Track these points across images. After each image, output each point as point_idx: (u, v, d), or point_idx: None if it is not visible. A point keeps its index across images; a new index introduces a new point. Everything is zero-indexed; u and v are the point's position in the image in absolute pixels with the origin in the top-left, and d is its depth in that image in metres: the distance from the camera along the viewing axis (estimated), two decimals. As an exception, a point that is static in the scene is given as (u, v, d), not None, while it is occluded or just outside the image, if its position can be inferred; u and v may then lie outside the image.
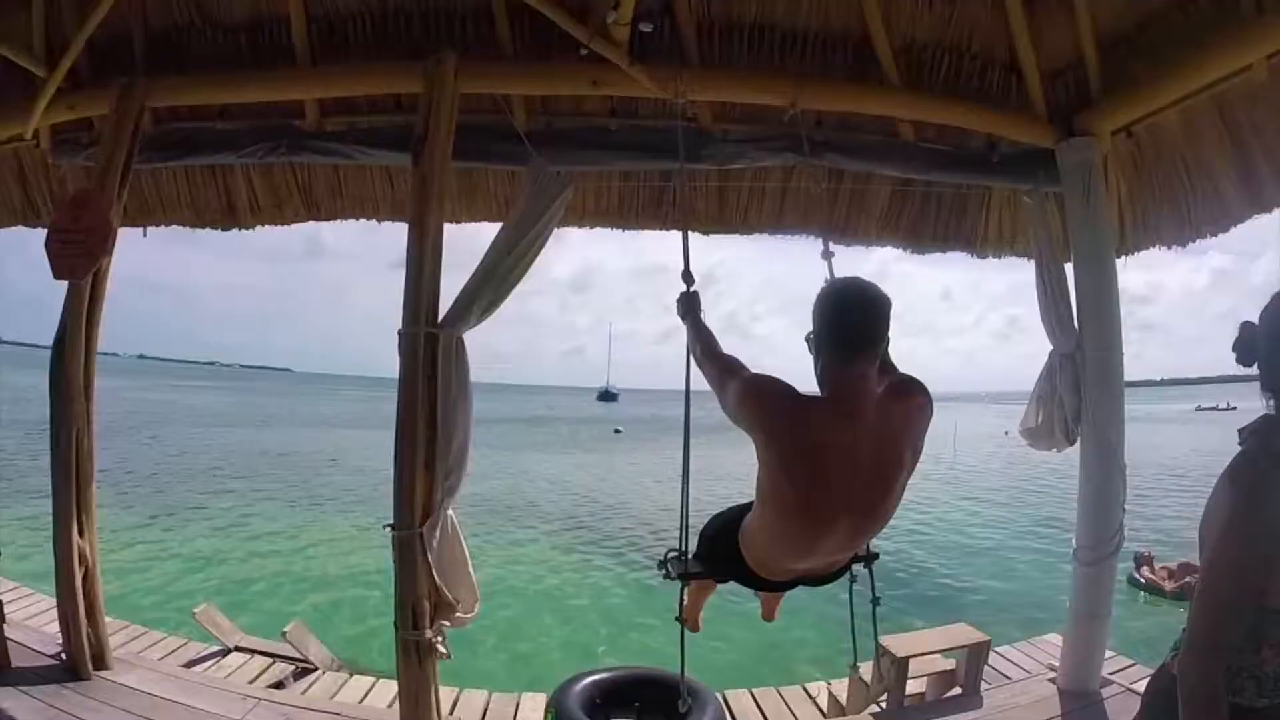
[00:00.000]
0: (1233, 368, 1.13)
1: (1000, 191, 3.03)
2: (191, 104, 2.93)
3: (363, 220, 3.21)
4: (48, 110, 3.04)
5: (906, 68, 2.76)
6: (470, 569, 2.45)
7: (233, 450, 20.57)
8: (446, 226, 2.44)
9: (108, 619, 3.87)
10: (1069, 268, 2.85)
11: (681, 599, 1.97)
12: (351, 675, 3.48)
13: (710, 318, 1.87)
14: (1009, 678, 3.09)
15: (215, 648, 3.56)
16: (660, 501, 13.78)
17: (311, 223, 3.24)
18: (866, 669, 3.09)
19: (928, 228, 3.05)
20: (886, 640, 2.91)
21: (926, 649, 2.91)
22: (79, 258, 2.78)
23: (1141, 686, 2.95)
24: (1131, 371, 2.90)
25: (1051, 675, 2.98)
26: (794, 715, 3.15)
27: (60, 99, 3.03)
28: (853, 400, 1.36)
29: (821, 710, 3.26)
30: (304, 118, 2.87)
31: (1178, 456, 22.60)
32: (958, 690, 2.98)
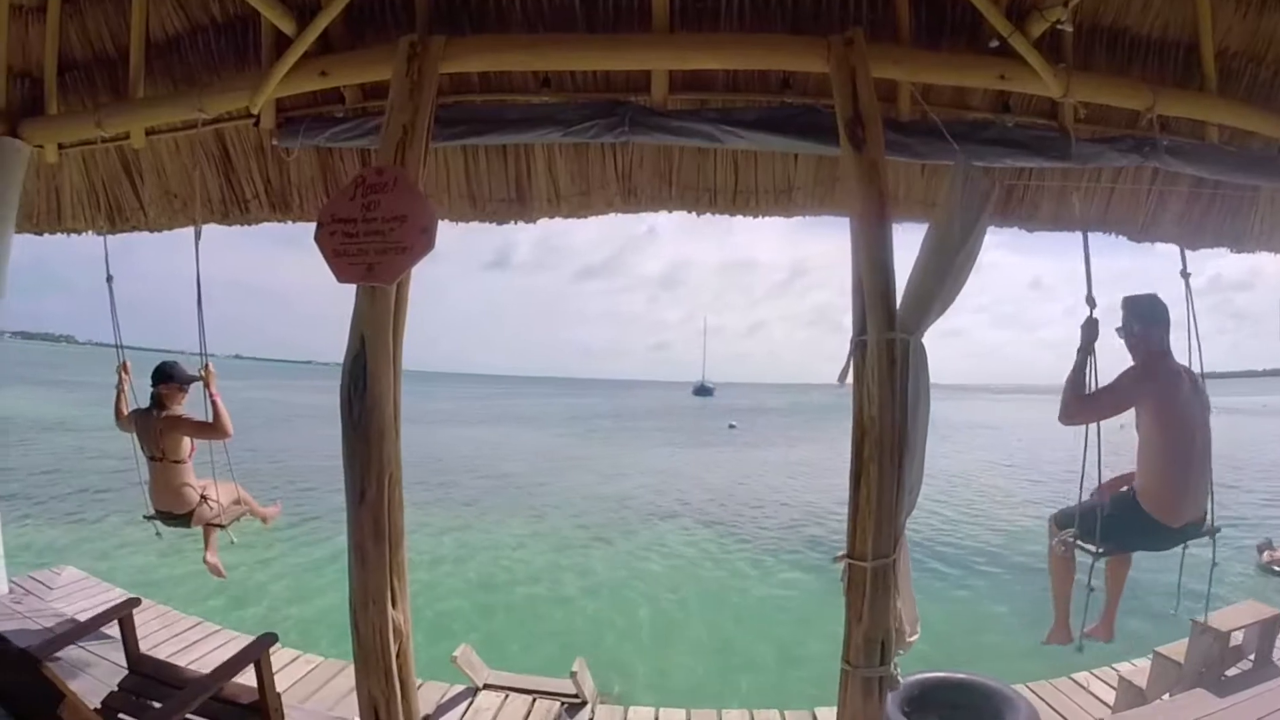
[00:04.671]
0: None
1: (1266, 191, 3.26)
2: (502, 69, 2.47)
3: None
4: (288, 77, 2.44)
5: (1219, 74, 2.89)
6: (912, 586, 2.27)
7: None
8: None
9: (318, 657, 3.31)
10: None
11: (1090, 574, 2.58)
12: (627, 709, 3.15)
13: (801, 307, 2.05)
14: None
15: (461, 687, 3.16)
16: (818, 504, 13.62)
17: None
18: (1169, 649, 3.22)
19: (1210, 225, 3.23)
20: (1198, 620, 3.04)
21: (1236, 625, 3.06)
22: (386, 254, 2.21)
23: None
24: (1228, 363, 3.28)
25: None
26: (1104, 703, 3.20)
27: (306, 63, 2.45)
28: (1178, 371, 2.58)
29: (1099, 698, 3.36)
30: (647, 93, 2.50)
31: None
32: (1248, 663, 3.18)
